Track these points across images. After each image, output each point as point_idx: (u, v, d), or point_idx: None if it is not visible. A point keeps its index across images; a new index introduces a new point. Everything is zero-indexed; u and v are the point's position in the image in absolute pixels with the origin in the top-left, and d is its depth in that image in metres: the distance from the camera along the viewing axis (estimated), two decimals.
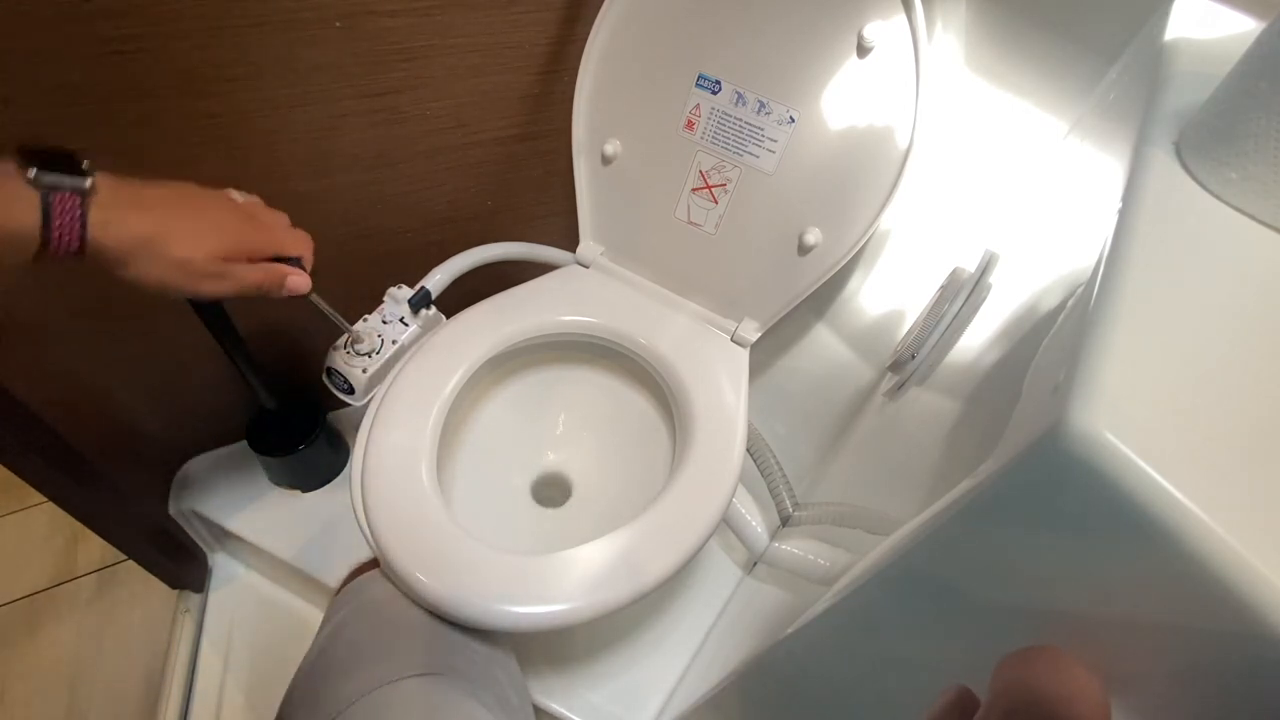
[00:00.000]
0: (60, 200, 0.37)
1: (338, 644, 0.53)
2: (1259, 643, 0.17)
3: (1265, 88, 0.26)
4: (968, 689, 0.22)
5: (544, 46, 0.71)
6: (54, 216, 0.37)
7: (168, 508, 0.88)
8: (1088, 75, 0.55)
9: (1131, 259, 0.24)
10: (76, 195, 0.38)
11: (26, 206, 0.36)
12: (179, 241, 0.42)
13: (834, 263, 0.67)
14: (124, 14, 0.52)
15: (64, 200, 0.37)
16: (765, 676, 0.49)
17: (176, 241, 0.42)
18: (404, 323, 0.68)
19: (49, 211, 0.37)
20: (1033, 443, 0.20)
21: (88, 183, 0.38)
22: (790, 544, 0.73)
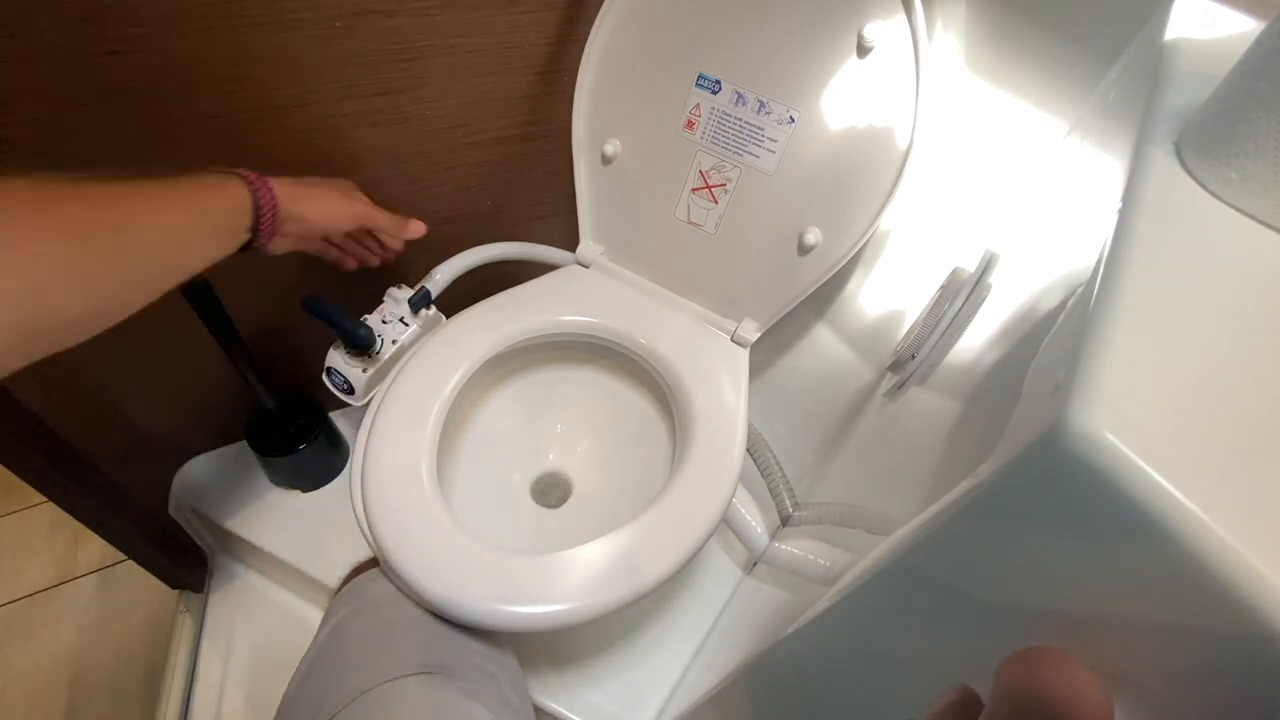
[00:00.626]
0: (254, 179, 0.50)
1: (337, 643, 0.53)
2: (1259, 643, 0.17)
3: (1265, 88, 0.26)
4: (970, 688, 0.22)
5: (544, 46, 0.71)
6: (259, 192, 0.49)
7: (168, 508, 0.88)
8: (1088, 75, 0.55)
9: (1131, 259, 0.24)
10: (258, 175, 0.50)
11: (241, 191, 0.49)
12: (330, 194, 0.56)
13: (834, 263, 0.67)
14: (124, 14, 0.52)
15: (255, 179, 0.50)
16: (765, 676, 0.49)
17: (328, 195, 0.56)
18: (404, 323, 0.68)
19: (255, 189, 0.49)
20: (1033, 443, 0.20)
21: (269, 192, 0.51)
22: (790, 544, 0.73)
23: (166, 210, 0.42)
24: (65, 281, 0.35)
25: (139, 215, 0.40)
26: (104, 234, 0.38)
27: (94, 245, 0.37)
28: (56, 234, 0.35)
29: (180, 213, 0.43)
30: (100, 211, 0.38)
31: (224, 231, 0.47)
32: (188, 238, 0.44)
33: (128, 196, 0.40)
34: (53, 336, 0.36)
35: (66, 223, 0.36)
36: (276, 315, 0.79)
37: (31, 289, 0.34)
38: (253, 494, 0.90)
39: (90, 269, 0.37)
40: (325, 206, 0.55)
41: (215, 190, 0.47)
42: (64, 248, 0.35)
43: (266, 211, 0.49)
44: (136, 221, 0.40)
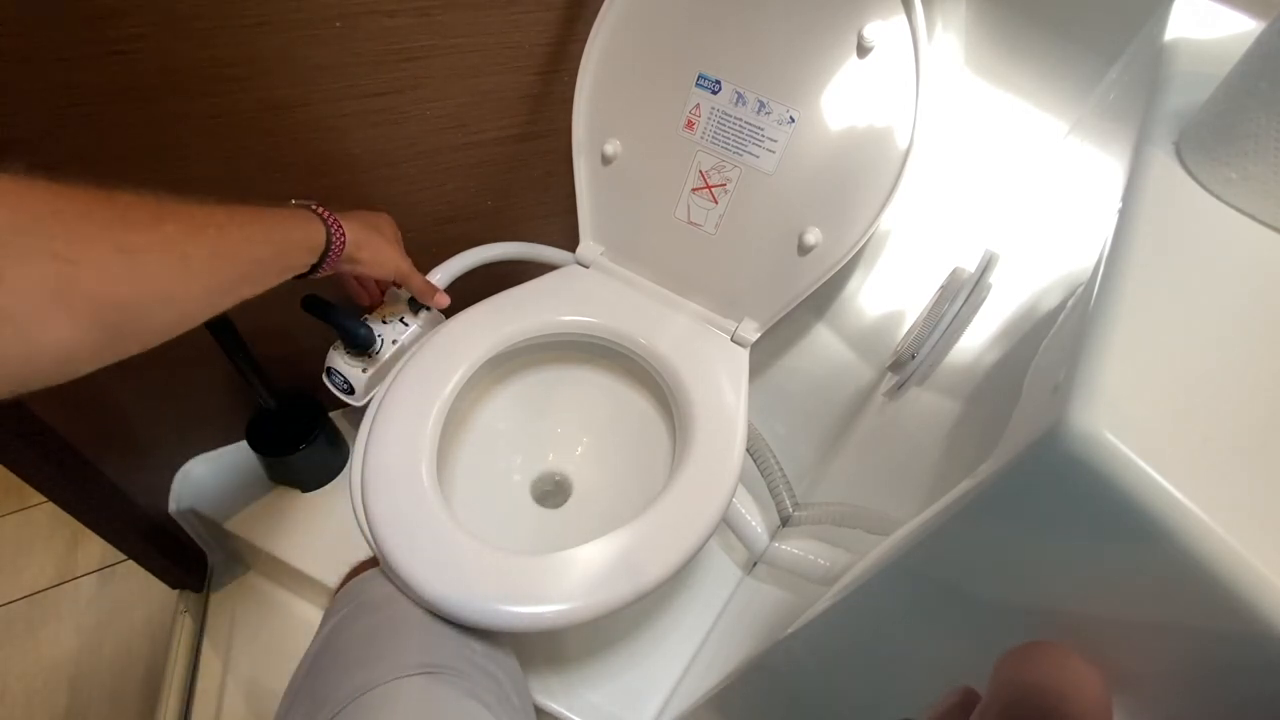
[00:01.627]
0: (331, 219, 0.54)
1: (337, 643, 0.53)
2: (1259, 642, 0.17)
3: (1265, 87, 0.26)
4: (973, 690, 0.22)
5: (544, 46, 0.71)
6: (333, 228, 0.54)
7: (168, 508, 0.88)
8: (1088, 75, 0.55)
9: (1131, 259, 0.24)
10: (332, 215, 0.55)
11: (316, 224, 0.53)
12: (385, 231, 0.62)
13: (834, 263, 0.67)
14: (124, 14, 0.52)
15: (332, 218, 0.54)
16: (765, 676, 0.49)
17: (383, 232, 0.61)
18: (404, 323, 0.68)
19: (328, 223, 0.54)
20: (1033, 443, 0.20)
21: (342, 232, 0.55)
22: (790, 544, 0.73)
23: (256, 243, 0.46)
24: (161, 299, 0.38)
25: (234, 244, 0.43)
26: (201, 258, 0.40)
27: (189, 267, 0.40)
28: (163, 253, 0.38)
29: (266, 246, 0.47)
30: (199, 235, 0.40)
31: (294, 266, 0.51)
32: (267, 270, 0.47)
33: (223, 225, 0.43)
34: (131, 344, 0.38)
35: (170, 243, 0.38)
36: (277, 315, 0.78)
37: (132, 300, 0.36)
38: (253, 494, 0.90)
39: (183, 290, 0.39)
40: (380, 257, 0.59)
41: (298, 229, 0.51)
42: (167, 268, 0.38)
43: (335, 251, 0.54)
44: (231, 252, 0.43)
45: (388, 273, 0.61)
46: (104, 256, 0.35)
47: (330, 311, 0.63)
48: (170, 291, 0.39)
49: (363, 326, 0.64)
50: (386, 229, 0.63)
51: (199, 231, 0.41)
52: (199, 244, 0.40)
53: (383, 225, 0.62)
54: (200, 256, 0.40)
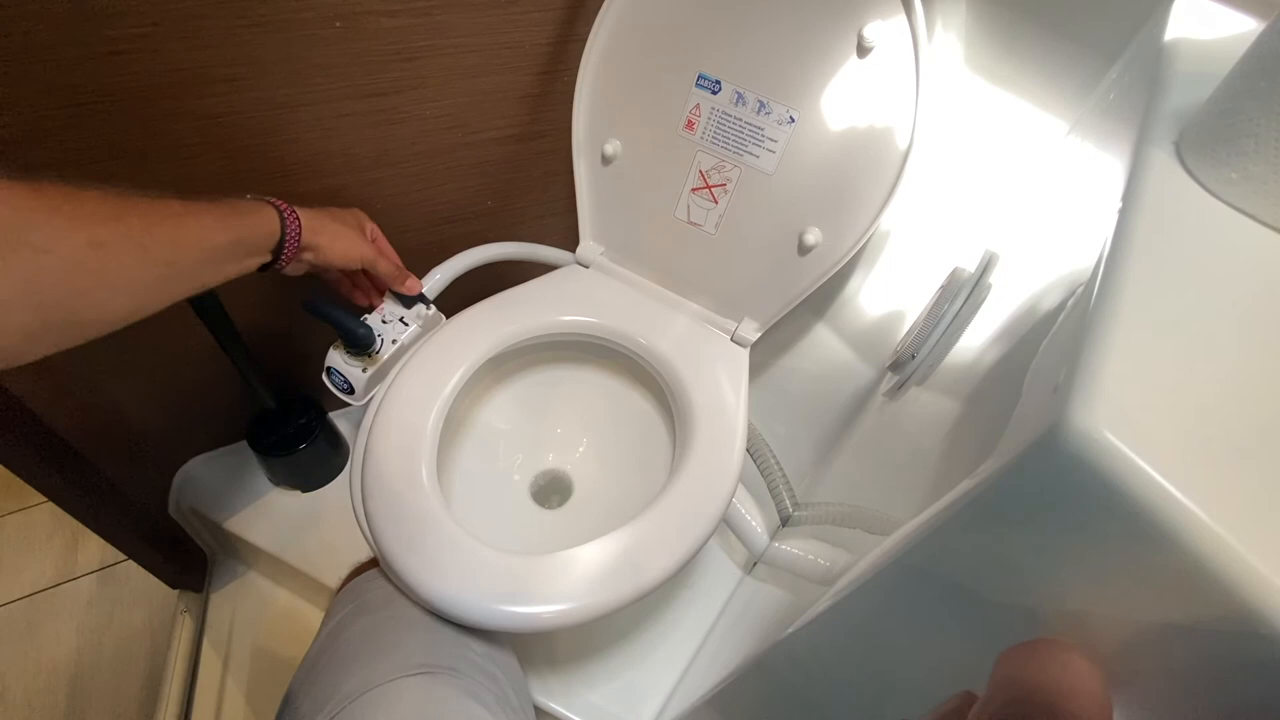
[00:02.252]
0: (287, 210, 0.54)
1: (338, 643, 0.53)
2: (1259, 642, 0.17)
3: (1265, 87, 0.26)
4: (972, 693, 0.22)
5: (544, 46, 0.71)
6: (288, 220, 0.54)
7: (168, 508, 0.88)
8: (1088, 75, 0.55)
9: (1131, 259, 0.24)
10: (290, 207, 0.55)
11: (272, 218, 0.53)
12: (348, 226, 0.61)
13: (834, 263, 0.67)
14: (124, 14, 0.52)
15: (288, 210, 0.54)
16: (765, 676, 0.49)
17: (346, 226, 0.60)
18: (404, 322, 0.68)
19: (283, 215, 0.54)
20: (1033, 442, 0.20)
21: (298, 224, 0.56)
22: (790, 544, 0.73)
23: (213, 232, 0.47)
24: (119, 288, 0.40)
25: (190, 234, 0.45)
26: (159, 248, 0.42)
27: (149, 257, 0.42)
28: (124, 244, 0.40)
29: (221, 233, 0.48)
30: (158, 227, 0.42)
31: (252, 252, 0.52)
32: (223, 258, 0.48)
33: (180, 215, 0.44)
34: (87, 331, 0.40)
35: (130, 233, 0.40)
36: (277, 316, 0.79)
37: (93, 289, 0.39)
38: (253, 494, 0.90)
39: (139, 277, 0.41)
40: (340, 242, 0.59)
41: (252, 216, 0.51)
42: (128, 258, 0.40)
43: (291, 238, 0.54)
44: (187, 240, 0.45)
45: (351, 259, 0.61)
46: (75, 249, 0.37)
47: (330, 311, 0.63)
48: (129, 281, 0.41)
49: (362, 326, 0.64)
50: (349, 218, 0.62)
51: (158, 223, 0.42)
52: (157, 236, 0.42)
53: (345, 216, 0.62)
54: (158, 247, 0.42)
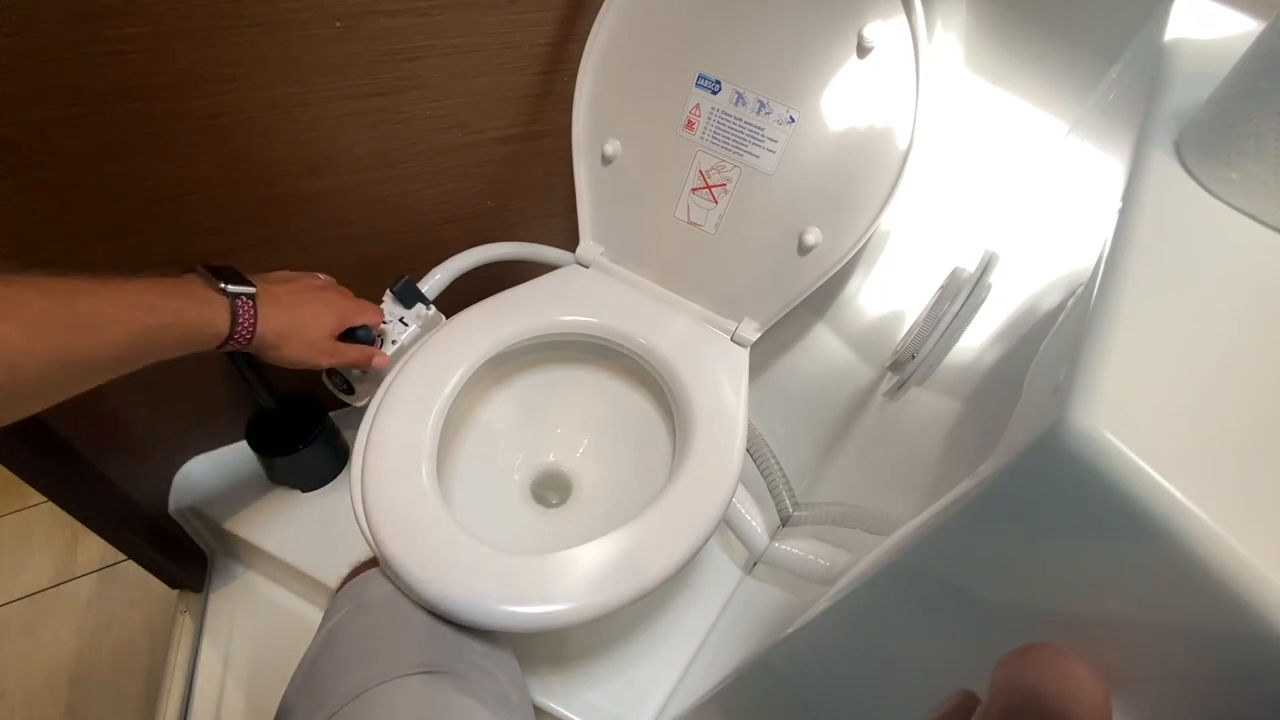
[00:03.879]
0: (242, 304, 0.49)
1: (337, 643, 0.53)
2: (1259, 643, 0.17)
3: (1265, 87, 0.26)
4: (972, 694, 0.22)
5: (544, 46, 0.71)
6: (240, 318, 0.49)
7: (168, 508, 0.88)
8: (1088, 75, 0.55)
9: (1131, 259, 0.24)
10: (250, 300, 0.50)
11: (220, 310, 0.48)
12: (309, 326, 0.55)
13: (834, 263, 0.67)
14: (124, 14, 0.52)
15: (244, 304, 0.49)
16: (765, 676, 0.49)
17: (308, 327, 0.55)
18: (404, 323, 0.68)
19: (236, 314, 0.49)
20: (1033, 442, 0.20)
21: (254, 289, 0.51)
22: (790, 544, 0.73)
23: (130, 318, 0.43)
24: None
25: (103, 314, 0.41)
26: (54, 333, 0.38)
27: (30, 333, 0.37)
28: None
29: (144, 321, 0.43)
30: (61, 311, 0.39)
31: (183, 347, 0.47)
32: (138, 347, 0.44)
33: (99, 293, 0.41)
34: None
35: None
36: None
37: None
38: (253, 494, 0.90)
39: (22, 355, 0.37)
40: (295, 357, 0.55)
41: (194, 309, 0.46)
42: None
43: (241, 338, 0.50)
44: (100, 320, 0.41)
45: (313, 365, 0.57)
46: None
47: None
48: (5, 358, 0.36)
49: (362, 327, 0.64)
50: (311, 323, 0.56)
51: (69, 299, 0.39)
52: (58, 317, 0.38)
53: (307, 319, 0.55)
54: (54, 331, 0.38)
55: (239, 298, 0.49)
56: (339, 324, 0.59)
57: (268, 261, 0.73)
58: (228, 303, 0.49)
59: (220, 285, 0.49)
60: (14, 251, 0.60)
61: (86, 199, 0.60)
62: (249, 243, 0.71)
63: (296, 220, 0.72)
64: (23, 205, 0.57)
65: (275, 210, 0.70)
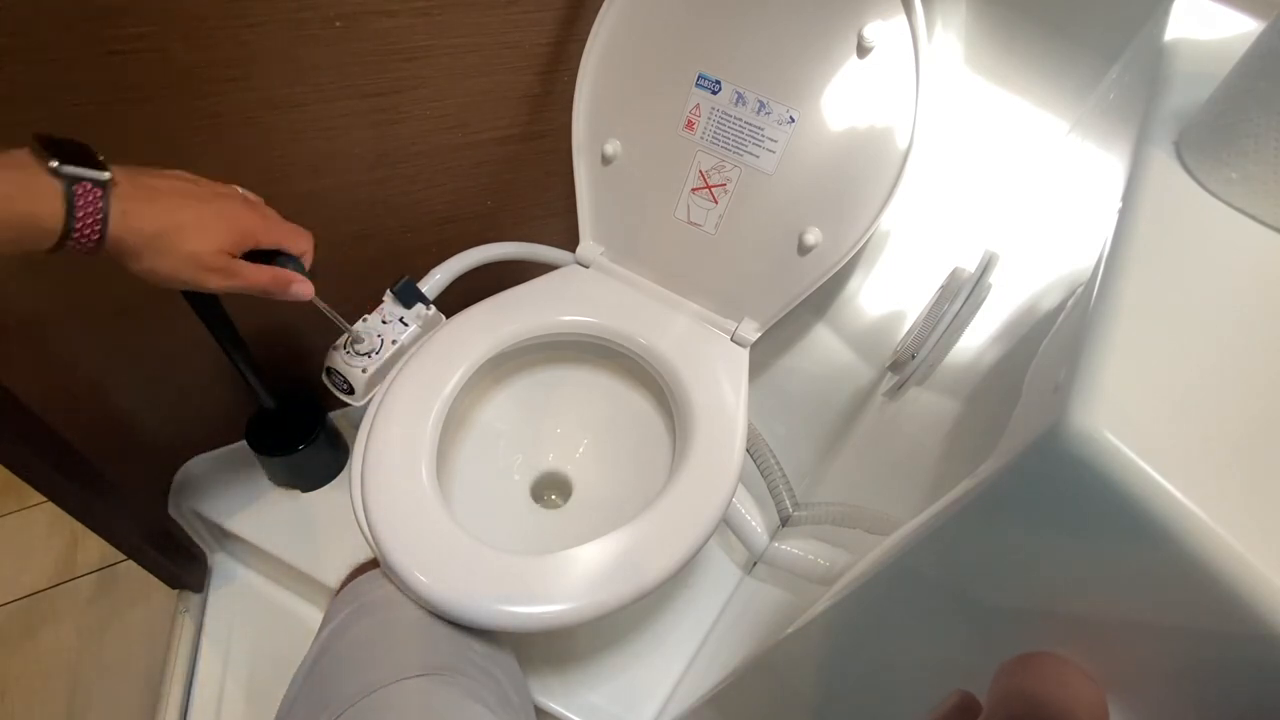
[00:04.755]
0: (84, 192, 0.37)
1: (338, 645, 0.53)
2: (1259, 643, 0.17)
3: (1265, 87, 0.26)
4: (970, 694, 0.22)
5: (544, 46, 0.71)
6: (77, 209, 0.37)
7: (168, 508, 0.88)
8: (1088, 75, 0.55)
9: (1131, 259, 0.24)
10: (98, 188, 0.38)
11: (50, 197, 0.36)
12: (190, 234, 0.42)
13: (834, 263, 0.67)
14: (124, 14, 0.52)
15: (87, 192, 0.37)
16: (765, 676, 0.49)
17: (188, 234, 0.42)
18: (404, 323, 0.68)
19: (72, 203, 0.36)
20: (1033, 442, 0.20)
21: (107, 175, 0.38)
22: (790, 544, 0.73)
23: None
24: None
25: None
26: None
27: None
28: None
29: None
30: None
31: (8, 244, 0.36)
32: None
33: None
34: None
35: None
36: (276, 315, 0.79)
37: None
38: (253, 494, 0.90)
39: None
40: (175, 270, 0.42)
41: (19, 201, 0.35)
42: None
43: (82, 239, 0.37)
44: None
45: (182, 285, 0.44)
46: None
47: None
48: None
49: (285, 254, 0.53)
50: (193, 231, 0.42)
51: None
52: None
53: (188, 225, 0.42)
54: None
55: (78, 183, 0.37)
56: (238, 239, 0.45)
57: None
58: (62, 188, 0.36)
59: (52, 164, 0.36)
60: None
61: None
62: None
63: (296, 220, 0.72)
64: None
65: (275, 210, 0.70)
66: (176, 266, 0.42)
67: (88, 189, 0.37)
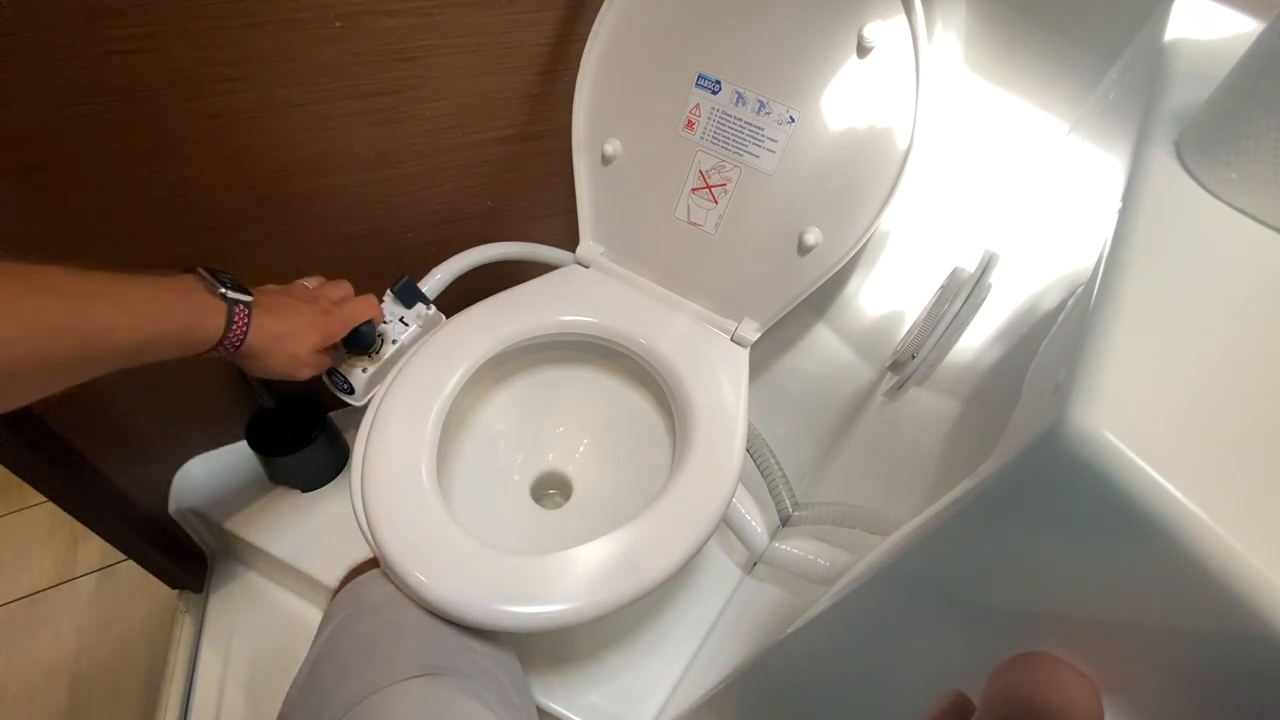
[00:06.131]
0: (239, 313, 0.48)
1: (338, 646, 0.53)
2: (1259, 643, 0.17)
3: (1265, 87, 0.26)
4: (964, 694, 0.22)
5: (544, 46, 0.71)
6: (234, 324, 0.48)
7: (168, 508, 0.88)
8: (1088, 75, 0.55)
9: (1131, 259, 0.24)
10: (247, 310, 0.49)
11: (215, 315, 0.47)
12: (294, 340, 0.54)
13: (834, 263, 0.67)
14: (124, 14, 0.52)
15: (241, 313, 0.48)
16: (765, 676, 0.49)
17: (293, 340, 0.53)
18: (404, 322, 0.68)
19: (231, 321, 0.48)
20: (1033, 442, 0.20)
21: (252, 298, 0.50)
22: (790, 544, 0.73)
23: (117, 319, 0.42)
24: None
25: (116, 323, 0.41)
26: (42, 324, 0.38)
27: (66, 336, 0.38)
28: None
29: (131, 321, 0.42)
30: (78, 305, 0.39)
31: (172, 350, 0.46)
32: (126, 345, 0.43)
33: (86, 296, 0.40)
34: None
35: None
36: None
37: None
38: (253, 494, 0.90)
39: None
40: (281, 368, 0.54)
41: (186, 308, 0.45)
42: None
43: (231, 344, 0.48)
44: (109, 326, 0.41)
45: (279, 377, 0.55)
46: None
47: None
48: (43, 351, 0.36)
49: (366, 324, 0.64)
50: (296, 337, 0.54)
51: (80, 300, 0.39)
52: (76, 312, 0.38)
53: (293, 333, 0.53)
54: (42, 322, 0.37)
55: (237, 305, 0.48)
56: (324, 339, 0.57)
57: (267, 261, 0.74)
58: (225, 309, 0.48)
59: (220, 291, 0.48)
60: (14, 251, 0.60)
61: (86, 199, 0.60)
62: (248, 242, 0.71)
63: (296, 220, 0.72)
64: (23, 205, 0.57)
65: (275, 210, 0.70)
66: (281, 364, 0.53)
67: (241, 310, 0.48)
